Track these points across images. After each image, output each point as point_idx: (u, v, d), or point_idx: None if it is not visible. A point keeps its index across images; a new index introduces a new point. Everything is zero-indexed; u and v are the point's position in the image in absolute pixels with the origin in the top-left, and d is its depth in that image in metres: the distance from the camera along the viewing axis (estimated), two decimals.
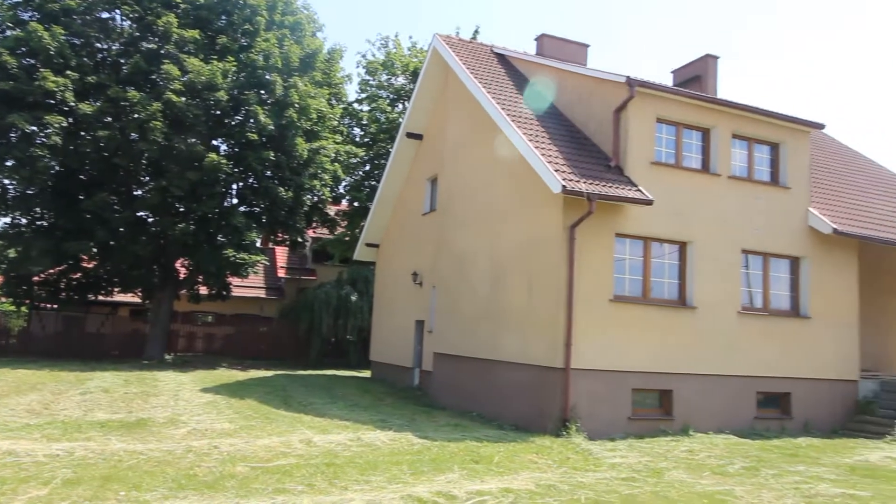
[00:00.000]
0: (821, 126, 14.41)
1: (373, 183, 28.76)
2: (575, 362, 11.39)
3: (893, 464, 9.94)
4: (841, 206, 15.23)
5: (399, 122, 25.86)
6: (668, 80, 19.32)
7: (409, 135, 20.09)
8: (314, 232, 32.03)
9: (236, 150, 23.53)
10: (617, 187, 11.90)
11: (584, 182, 11.59)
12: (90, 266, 23.78)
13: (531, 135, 12.92)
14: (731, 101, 13.68)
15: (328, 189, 26.67)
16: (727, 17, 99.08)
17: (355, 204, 29.53)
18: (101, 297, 25.39)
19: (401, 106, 29.59)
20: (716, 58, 18.76)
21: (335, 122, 28.05)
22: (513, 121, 13.26)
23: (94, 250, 22.64)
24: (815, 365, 13.68)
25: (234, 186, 24.45)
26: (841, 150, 20.23)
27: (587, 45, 19.43)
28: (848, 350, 14.07)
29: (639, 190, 12.11)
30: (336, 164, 26.51)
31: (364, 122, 30.20)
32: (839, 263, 14.20)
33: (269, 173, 24.04)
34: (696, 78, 18.46)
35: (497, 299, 13.69)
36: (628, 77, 12.44)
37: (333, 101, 28.09)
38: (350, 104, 30.27)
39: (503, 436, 10.67)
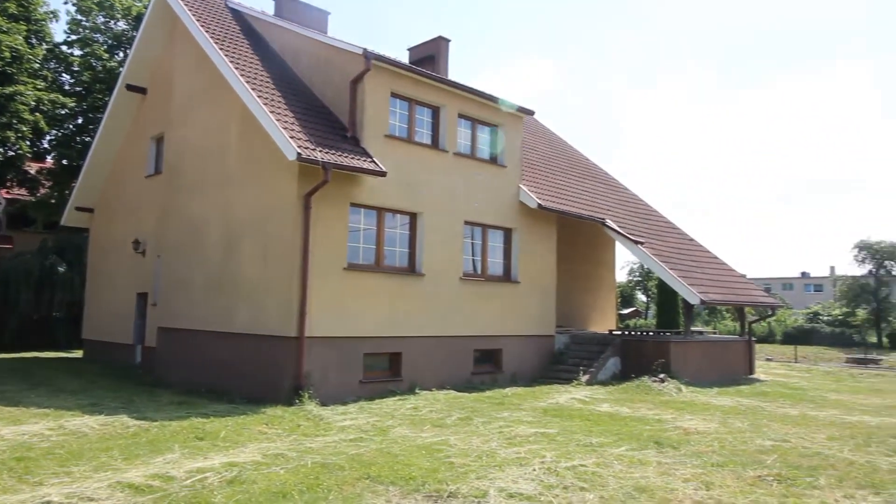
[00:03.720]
0: (531, 112, 16.25)
1: (86, 139, 25.23)
2: (309, 331, 11.46)
3: (576, 404, 11.83)
4: (545, 184, 17.43)
5: (119, 71, 22.98)
6: (404, 57, 20.05)
7: (130, 87, 18.04)
8: (9, 192, 27.22)
9: None
10: (352, 158, 12.10)
11: (320, 151, 11.58)
12: None
13: (267, 99, 12.48)
14: (459, 83, 14.71)
15: (27, 143, 22.81)
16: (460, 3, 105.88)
17: (64, 162, 25.67)
18: None
19: (121, 54, 26.31)
20: (447, 40, 19.94)
21: (36, 65, 23.97)
22: (247, 82, 12.66)
23: None
24: (523, 323, 15.61)
25: None
26: (547, 134, 23.08)
27: (328, 13, 19.27)
28: (548, 309, 16.29)
29: (373, 161, 12.47)
30: (38, 114, 22.74)
31: (75, 69, 26.25)
32: (542, 234, 16.29)
33: None
34: (429, 58, 19.42)
35: (231, 269, 13.11)
36: (365, 49, 12.65)
37: (34, 40, 23.94)
38: (57, 46, 26.07)
39: (233, 409, 10.34)
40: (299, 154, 11.05)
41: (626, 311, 37.43)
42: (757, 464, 7.48)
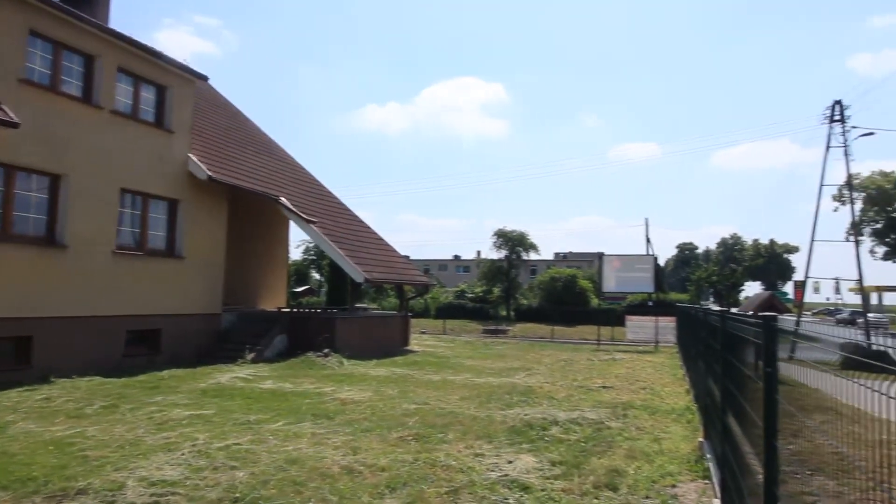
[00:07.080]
0: (205, 78, 15.35)
1: None
2: None
3: (239, 382, 11.64)
4: (218, 155, 16.64)
5: None
6: None
7: None
8: None
9: None
10: None
11: None
12: None
13: None
14: (120, 32, 13.13)
15: None
16: None
17: None
18: None
19: None
20: None
21: None
22: None
23: None
24: (186, 301, 14.73)
25: None
26: (224, 104, 22.02)
27: None
28: (215, 287, 15.65)
29: (2, 109, 10.43)
30: None
31: None
32: (212, 208, 15.56)
33: None
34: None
35: None
36: None
37: None
38: None
39: None
40: None
41: (300, 289, 37.83)
42: (401, 426, 8.31)
